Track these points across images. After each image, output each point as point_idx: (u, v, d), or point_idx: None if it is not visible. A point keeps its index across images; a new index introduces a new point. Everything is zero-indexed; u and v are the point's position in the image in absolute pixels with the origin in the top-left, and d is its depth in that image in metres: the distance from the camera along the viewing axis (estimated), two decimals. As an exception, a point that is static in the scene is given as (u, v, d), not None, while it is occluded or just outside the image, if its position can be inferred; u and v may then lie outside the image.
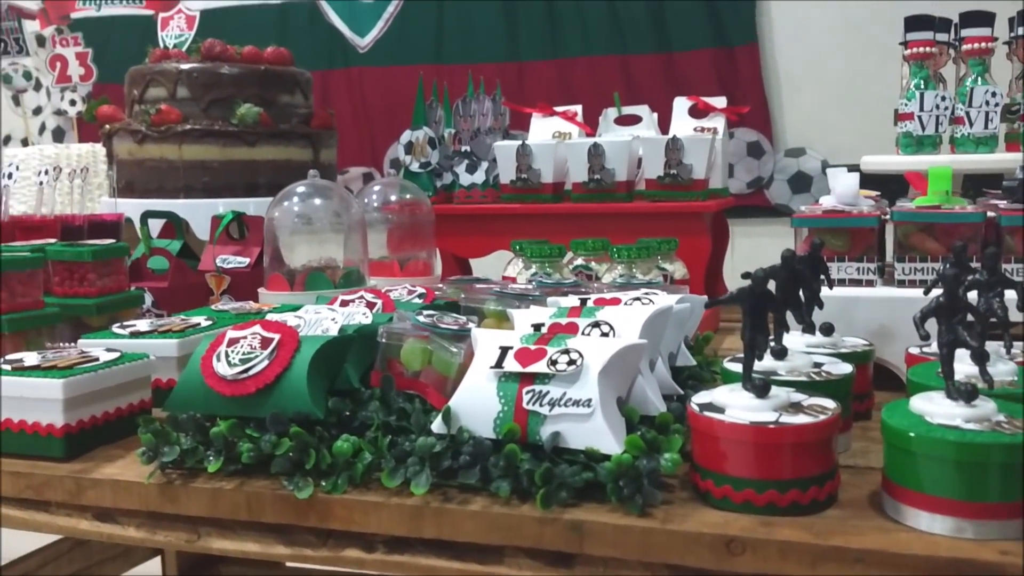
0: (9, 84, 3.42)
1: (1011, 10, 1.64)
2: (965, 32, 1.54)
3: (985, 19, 1.54)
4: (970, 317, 0.85)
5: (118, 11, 3.41)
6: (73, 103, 3.14)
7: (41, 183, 1.74)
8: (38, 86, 3.63)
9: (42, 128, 4.18)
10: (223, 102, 2.07)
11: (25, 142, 4.03)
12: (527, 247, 1.61)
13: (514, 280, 1.60)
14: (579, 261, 1.63)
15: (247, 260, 1.74)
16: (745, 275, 0.93)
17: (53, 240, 1.58)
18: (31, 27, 3.54)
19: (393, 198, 1.86)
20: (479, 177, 2.01)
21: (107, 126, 2.13)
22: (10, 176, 1.80)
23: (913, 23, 1.58)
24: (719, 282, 1.94)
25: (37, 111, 4.05)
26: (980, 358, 0.84)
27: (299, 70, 2.24)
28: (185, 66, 2.09)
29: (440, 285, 1.47)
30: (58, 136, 4.20)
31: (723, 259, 1.98)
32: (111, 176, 2.00)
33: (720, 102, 1.93)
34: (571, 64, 3.81)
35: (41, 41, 3.72)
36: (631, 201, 1.85)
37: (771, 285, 0.95)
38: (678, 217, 1.76)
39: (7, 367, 1.08)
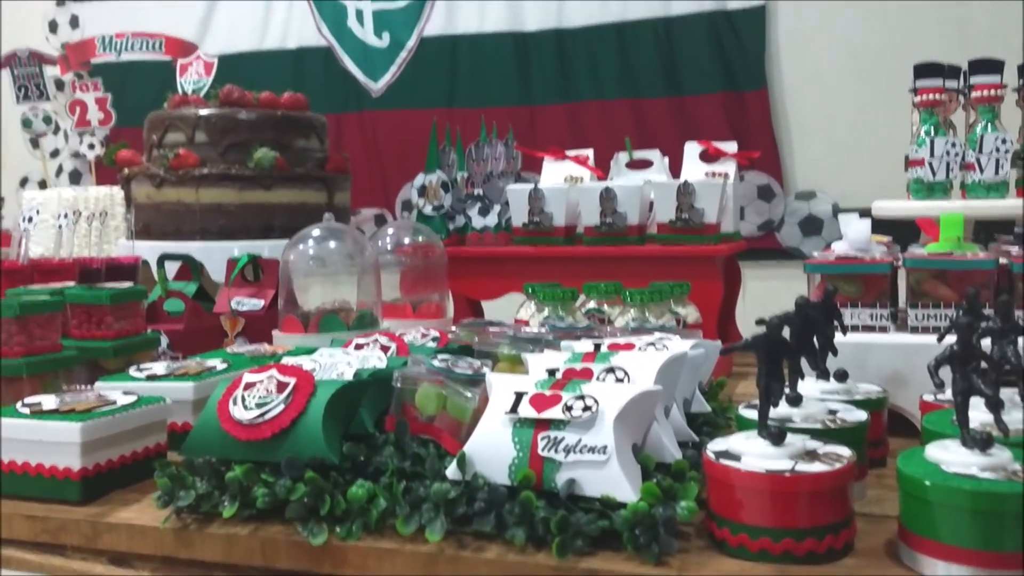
0: (29, 128, 3.48)
1: (1017, 57, 1.66)
2: (974, 79, 1.56)
3: (994, 67, 1.55)
4: (984, 365, 0.85)
5: (137, 56, 3.48)
6: (92, 147, 3.18)
7: (60, 227, 1.77)
8: (56, 129, 3.69)
9: (59, 170, 4.24)
10: (240, 146, 2.11)
11: (43, 184, 4.08)
12: (539, 290, 1.62)
13: (527, 323, 1.60)
14: (591, 304, 1.64)
15: (261, 302, 1.75)
16: (760, 322, 0.93)
17: (71, 283, 1.60)
18: (51, 71, 3.60)
19: (406, 240, 1.88)
20: (491, 220, 2.02)
21: (126, 170, 2.17)
22: (30, 220, 1.82)
23: (922, 70, 1.59)
24: (731, 326, 1.95)
25: (55, 153, 4.11)
26: (995, 406, 0.84)
27: (315, 115, 2.27)
28: (203, 111, 2.13)
29: (453, 328, 1.48)
30: (75, 178, 4.25)
31: (735, 302, 1.98)
32: (129, 219, 2.02)
33: (731, 147, 1.95)
34: (583, 108, 3.84)
35: (60, 85, 3.79)
36: (643, 244, 1.86)
37: (785, 332, 0.95)
38: (690, 261, 1.76)
39: (26, 410, 1.09)
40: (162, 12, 4.27)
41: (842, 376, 1.10)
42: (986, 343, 0.93)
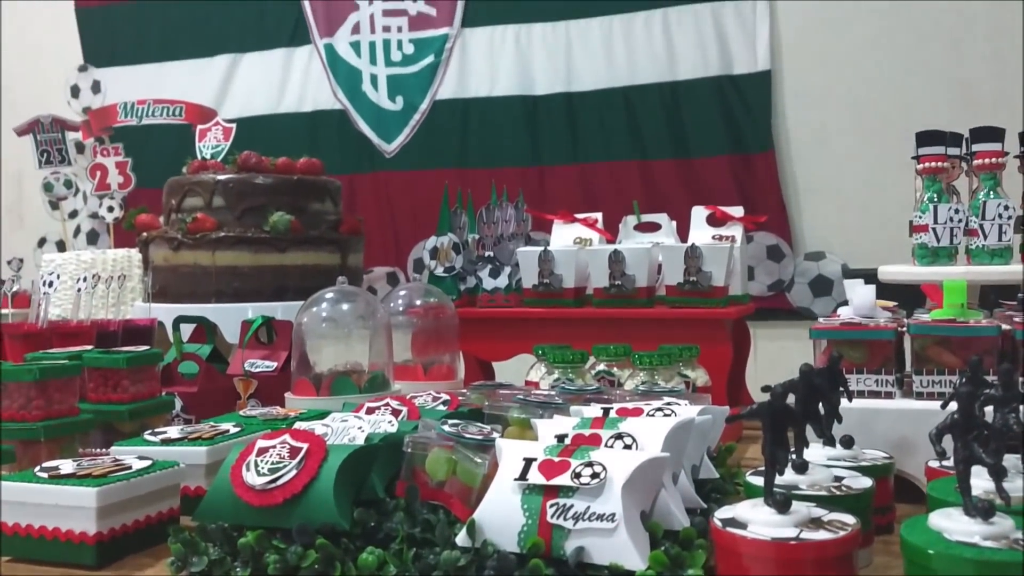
0: (50, 192, 3.55)
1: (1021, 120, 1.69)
2: (976, 147, 1.59)
3: (995, 135, 1.58)
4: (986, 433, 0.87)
5: (158, 121, 3.58)
6: (111, 209, 3.25)
7: (79, 290, 1.80)
8: (75, 191, 3.77)
9: (76, 230, 4.31)
10: (257, 210, 2.15)
11: (61, 245, 4.15)
12: (550, 352, 1.64)
13: (537, 385, 1.62)
14: (601, 367, 1.65)
15: (274, 364, 1.77)
16: (765, 388, 0.95)
17: (89, 346, 1.63)
18: (72, 135, 3.69)
19: (418, 302, 1.91)
20: (502, 281, 2.05)
21: (144, 234, 2.21)
22: (51, 284, 1.86)
23: (925, 138, 1.63)
24: (742, 388, 1.95)
25: (73, 214, 4.18)
26: (997, 474, 0.85)
27: (329, 179, 2.32)
28: (222, 177, 2.18)
29: (464, 390, 1.49)
30: (92, 238, 4.32)
31: (745, 365, 2.00)
32: (146, 282, 2.06)
33: (737, 211, 1.98)
34: (592, 169, 3.90)
35: (80, 148, 3.88)
36: (652, 307, 1.88)
37: (792, 398, 0.97)
38: (699, 324, 1.78)
39: (44, 475, 1.11)
40: (182, 76, 4.38)
41: (848, 442, 1.11)
42: (989, 410, 0.94)
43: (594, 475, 0.92)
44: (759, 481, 0.97)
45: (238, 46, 4.36)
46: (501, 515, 0.93)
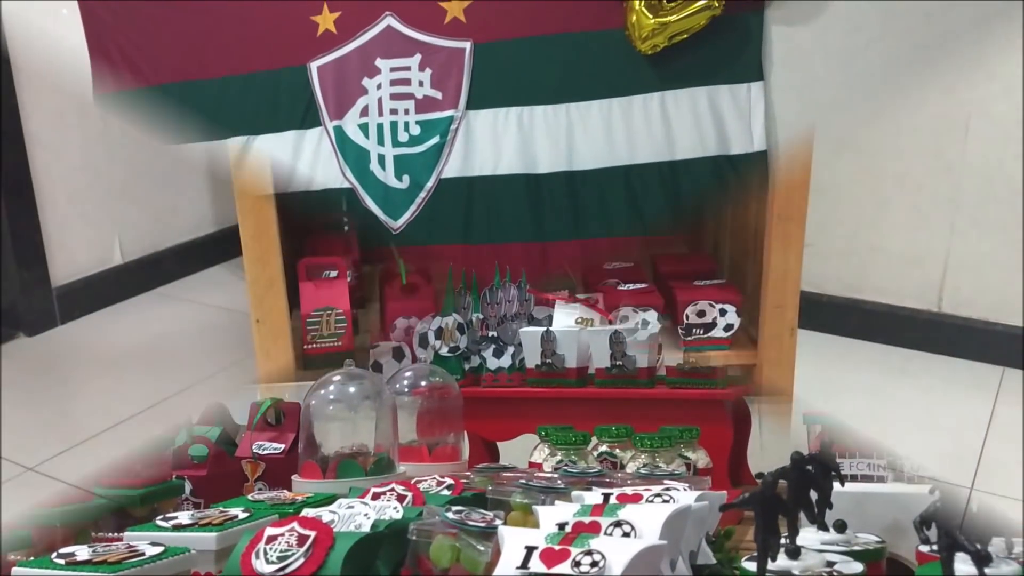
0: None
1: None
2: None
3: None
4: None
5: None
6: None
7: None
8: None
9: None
10: (268, 292, 2.20)
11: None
12: (553, 434, 1.67)
13: (540, 467, 1.65)
14: (603, 448, 1.68)
15: (282, 446, 1.80)
16: (759, 476, 0.98)
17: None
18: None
19: (423, 383, 1.94)
20: (505, 361, 2.09)
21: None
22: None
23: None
24: (743, 468, 1.97)
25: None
26: (979, 561, 0.87)
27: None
28: (232, 261, 2.24)
29: (468, 473, 1.52)
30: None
31: (746, 444, 2.01)
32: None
33: (734, 293, 2.03)
34: (593, 244, 3.97)
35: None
36: (653, 387, 1.92)
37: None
38: (699, 404, 1.82)
39: (60, 561, 1.13)
40: (194, 158, 4.49)
41: (841, 527, 1.14)
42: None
43: (593, 564, 0.94)
44: (754, 567, 1.00)
45: (251, 129, 4.47)
46: (504, 604, 0.96)
